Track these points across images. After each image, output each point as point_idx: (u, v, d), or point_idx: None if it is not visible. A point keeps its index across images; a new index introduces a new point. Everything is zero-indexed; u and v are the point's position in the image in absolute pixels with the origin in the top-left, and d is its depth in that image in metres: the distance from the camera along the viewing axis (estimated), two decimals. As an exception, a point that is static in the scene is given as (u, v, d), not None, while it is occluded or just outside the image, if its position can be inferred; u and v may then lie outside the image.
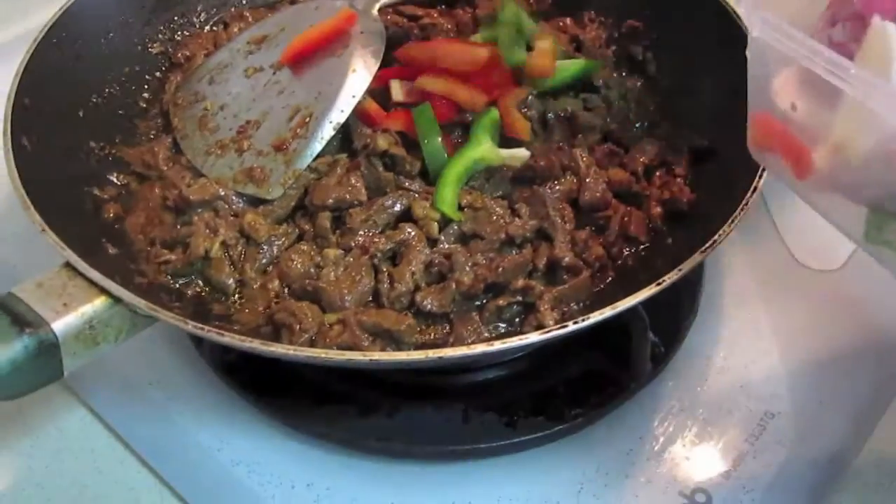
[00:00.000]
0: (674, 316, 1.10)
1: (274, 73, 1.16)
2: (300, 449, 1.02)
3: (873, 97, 0.66)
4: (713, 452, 1.03)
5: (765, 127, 0.84)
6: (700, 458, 1.02)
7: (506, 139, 1.10)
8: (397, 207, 1.03)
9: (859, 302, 1.19)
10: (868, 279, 1.21)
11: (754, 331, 1.15)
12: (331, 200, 1.03)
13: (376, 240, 1.01)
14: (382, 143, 1.04)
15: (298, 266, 1.00)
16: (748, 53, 0.80)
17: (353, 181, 1.03)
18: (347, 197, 1.03)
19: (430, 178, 1.07)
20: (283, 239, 1.03)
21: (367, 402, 1.02)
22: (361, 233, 1.01)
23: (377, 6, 1.19)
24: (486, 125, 1.07)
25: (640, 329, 1.03)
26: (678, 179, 1.09)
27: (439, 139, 1.06)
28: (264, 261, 1.02)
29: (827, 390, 1.09)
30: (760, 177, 0.97)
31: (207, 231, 1.02)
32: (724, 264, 1.23)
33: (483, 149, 1.05)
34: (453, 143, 1.09)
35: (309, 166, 1.06)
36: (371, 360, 0.84)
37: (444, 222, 1.03)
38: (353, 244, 1.01)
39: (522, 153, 1.06)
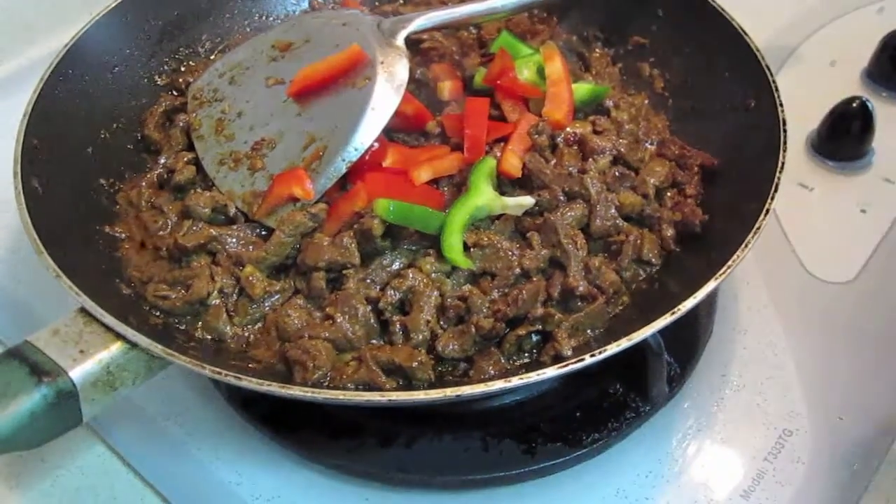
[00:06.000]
0: (689, 335, 1.10)
1: None
2: (320, 481, 1.03)
3: None
4: (732, 472, 1.03)
5: None
6: (719, 479, 1.02)
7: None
8: (396, 265, 1.00)
9: (873, 313, 1.19)
10: (881, 289, 1.22)
11: (770, 346, 1.15)
12: (322, 262, 0.99)
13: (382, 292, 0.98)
14: (377, 229, 0.99)
15: (296, 321, 0.98)
16: None
17: (346, 242, 1.00)
18: (339, 259, 0.99)
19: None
20: (279, 295, 1.02)
21: (386, 434, 1.02)
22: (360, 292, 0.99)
23: (404, 34, 1.14)
24: (484, 172, 1.04)
25: (656, 351, 1.02)
26: (689, 200, 1.08)
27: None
28: (257, 315, 1.01)
29: (845, 405, 1.09)
30: (772, 198, 0.96)
31: (209, 273, 1.01)
32: (737, 278, 1.22)
33: (486, 198, 1.03)
34: (441, 194, 1.07)
35: (307, 210, 1.03)
36: (390, 399, 0.84)
37: (450, 269, 1.01)
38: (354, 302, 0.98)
39: (527, 201, 1.04)
